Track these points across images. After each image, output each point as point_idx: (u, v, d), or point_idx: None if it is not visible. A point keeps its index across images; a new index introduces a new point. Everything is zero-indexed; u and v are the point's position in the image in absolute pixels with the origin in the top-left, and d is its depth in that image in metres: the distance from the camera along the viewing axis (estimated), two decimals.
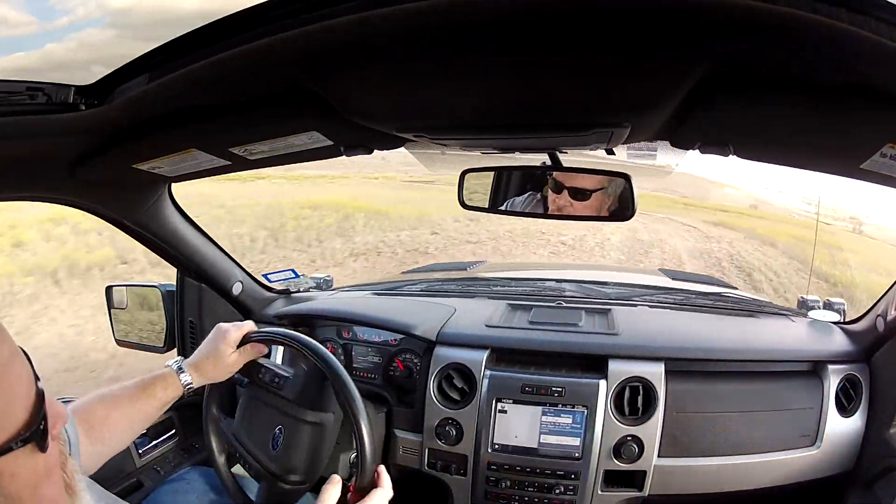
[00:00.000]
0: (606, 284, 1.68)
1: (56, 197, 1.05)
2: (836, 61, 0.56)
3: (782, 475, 1.16)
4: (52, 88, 0.68)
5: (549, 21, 0.51)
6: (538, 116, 0.77)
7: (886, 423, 1.13)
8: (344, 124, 0.80)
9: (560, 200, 1.07)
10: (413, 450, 1.30)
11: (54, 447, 0.51)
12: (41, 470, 0.50)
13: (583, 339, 1.27)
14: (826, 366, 1.19)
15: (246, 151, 0.95)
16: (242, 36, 0.57)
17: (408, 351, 1.36)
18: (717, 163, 12.27)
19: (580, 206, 1.06)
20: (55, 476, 0.53)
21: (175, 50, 0.63)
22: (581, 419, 1.17)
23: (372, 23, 0.51)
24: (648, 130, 0.83)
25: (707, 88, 0.63)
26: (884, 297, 1.18)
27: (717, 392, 1.19)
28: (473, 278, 1.94)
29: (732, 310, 1.46)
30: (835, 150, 0.79)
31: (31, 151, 0.85)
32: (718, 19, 0.48)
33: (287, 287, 1.69)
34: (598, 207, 1.07)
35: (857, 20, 0.46)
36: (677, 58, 0.57)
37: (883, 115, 0.62)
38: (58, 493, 0.53)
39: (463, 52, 0.59)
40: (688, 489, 1.17)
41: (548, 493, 1.19)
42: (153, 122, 0.81)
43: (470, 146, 1.03)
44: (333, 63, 0.63)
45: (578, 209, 1.06)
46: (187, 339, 1.49)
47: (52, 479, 0.52)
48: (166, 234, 1.28)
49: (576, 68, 0.61)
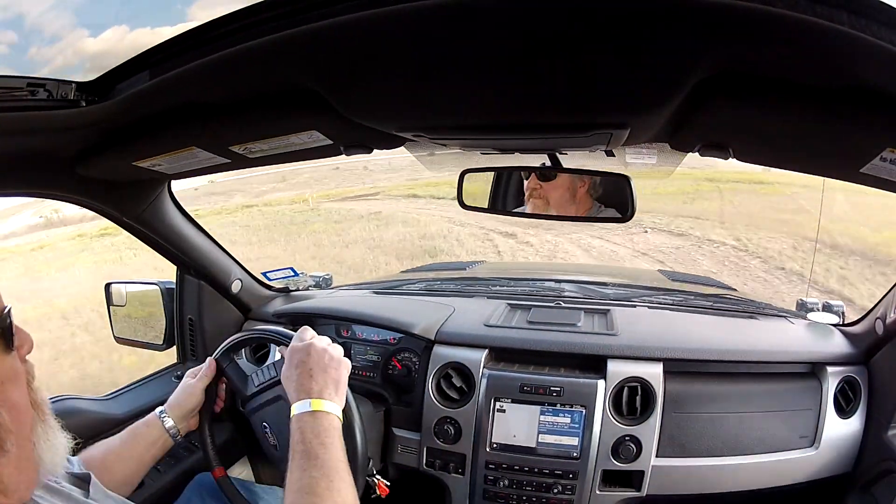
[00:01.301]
0: (606, 285, 1.68)
1: (57, 193, 1.05)
2: (836, 64, 0.56)
3: (780, 476, 1.16)
4: (53, 84, 0.68)
5: (549, 22, 0.51)
6: (538, 117, 0.77)
7: (885, 425, 1.13)
8: (344, 123, 0.80)
9: (531, 183, 1.15)
10: (411, 449, 1.30)
11: (20, 364, 0.58)
12: (7, 370, 0.56)
13: (582, 339, 1.27)
14: (825, 368, 1.19)
15: (245, 150, 0.95)
16: (243, 34, 0.57)
17: (407, 350, 1.36)
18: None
19: (549, 185, 1.13)
20: (20, 381, 0.58)
21: (176, 47, 0.63)
22: (579, 419, 1.18)
23: (372, 22, 0.51)
24: (648, 132, 0.83)
25: (707, 91, 0.63)
26: (883, 300, 1.18)
27: (716, 393, 1.19)
28: (473, 278, 1.94)
29: (731, 311, 1.46)
30: (835, 154, 0.78)
31: (31, 147, 0.85)
32: (718, 21, 0.48)
33: (286, 285, 1.69)
34: (570, 187, 1.14)
35: (858, 23, 0.46)
36: (677, 60, 0.57)
37: (883, 120, 0.62)
38: (23, 401, 0.58)
39: (463, 52, 0.59)
40: (686, 489, 1.17)
41: (546, 493, 1.19)
42: (153, 120, 0.81)
43: (469, 146, 1.03)
44: (334, 62, 0.63)
45: (547, 189, 1.14)
46: (186, 337, 1.49)
47: (17, 384, 0.57)
48: (166, 232, 1.28)
49: (575, 69, 0.61)
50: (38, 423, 0.61)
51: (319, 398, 0.83)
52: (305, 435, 0.79)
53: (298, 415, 0.82)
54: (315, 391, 0.84)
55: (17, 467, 0.56)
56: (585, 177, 1.12)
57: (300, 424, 0.81)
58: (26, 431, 0.58)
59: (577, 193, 1.14)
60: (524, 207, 1.18)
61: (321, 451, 0.77)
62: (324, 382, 0.85)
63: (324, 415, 0.82)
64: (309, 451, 0.77)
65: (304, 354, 0.88)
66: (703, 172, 10.83)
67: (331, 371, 0.87)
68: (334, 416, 0.83)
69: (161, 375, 1.45)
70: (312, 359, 0.87)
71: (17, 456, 0.56)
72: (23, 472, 0.57)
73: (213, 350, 1.11)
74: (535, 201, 1.15)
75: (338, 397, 0.86)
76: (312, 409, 0.82)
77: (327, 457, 0.77)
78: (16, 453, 0.55)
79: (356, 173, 16.15)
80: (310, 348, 0.88)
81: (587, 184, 1.14)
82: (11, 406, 0.56)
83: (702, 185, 10.76)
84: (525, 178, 1.16)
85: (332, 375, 0.87)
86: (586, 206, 1.16)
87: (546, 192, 1.14)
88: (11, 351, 0.56)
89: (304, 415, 0.82)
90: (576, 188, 1.13)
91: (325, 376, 0.86)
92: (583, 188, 1.14)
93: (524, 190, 1.17)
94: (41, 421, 0.62)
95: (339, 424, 0.83)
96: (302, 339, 0.91)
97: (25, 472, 0.58)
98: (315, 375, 0.86)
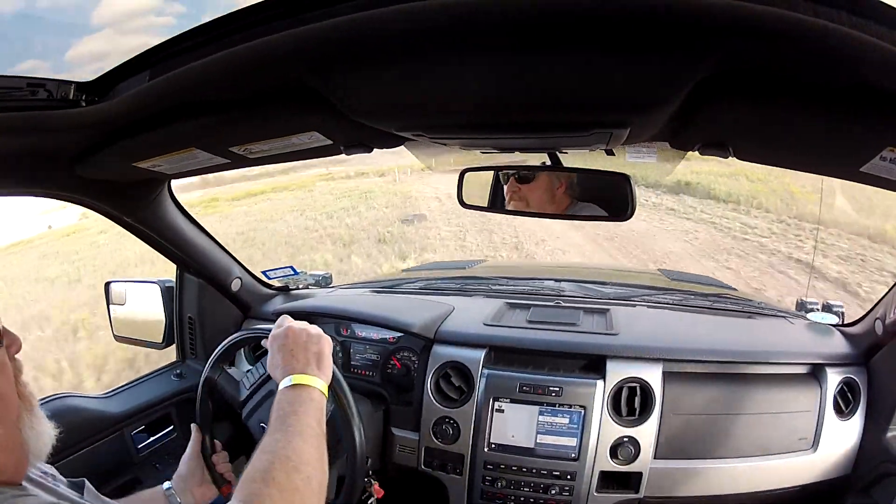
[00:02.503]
0: (605, 284, 1.68)
1: (57, 193, 1.05)
2: (836, 64, 0.55)
3: (779, 479, 1.16)
4: (53, 84, 0.68)
5: (549, 22, 0.51)
6: (538, 116, 0.77)
7: (884, 426, 1.12)
8: (344, 123, 0.80)
9: (510, 187, 1.18)
10: (410, 448, 1.30)
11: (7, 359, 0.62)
12: None
13: (581, 338, 1.27)
14: (824, 368, 1.19)
15: (245, 150, 0.95)
16: (244, 34, 0.57)
17: (406, 349, 1.36)
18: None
19: (527, 188, 1.16)
20: (7, 373, 0.62)
21: (176, 47, 0.63)
22: (578, 419, 1.17)
23: (373, 22, 0.51)
24: (648, 131, 0.83)
25: (707, 90, 0.63)
26: (882, 301, 1.17)
27: (715, 394, 1.19)
28: (472, 277, 1.93)
29: (731, 311, 1.46)
30: (835, 153, 0.78)
31: (31, 147, 0.85)
32: (718, 21, 0.48)
33: (286, 284, 1.69)
34: (548, 188, 1.16)
35: (858, 23, 0.46)
36: (677, 59, 0.57)
37: (884, 119, 0.62)
38: (8, 391, 0.62)
39: (463, 52, 0.59)
40: (684, 492, 1.16)
41: (544, 494, 1.19)
42: (153, 120, 0.81)
43: (470, 145, 1.04)
44: (335, 61, 0.64)
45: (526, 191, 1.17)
46: (186, 336, 1.49)
47: (4, 375, 0.61)
48: (166, 231, 1.28)
49: (575, 69, 0.61)
50: (25, 412, 0.64)
51: (302, 373, 0.82)
52: (281, 405, 0.78)
53: (280, 390, 0.81)
54: (298, 368, 0.83)
55: (4, 449, 0.60)
56: (563, 177, 1.14)
57: (279, 398, 0.80)
58: (12, 418, 0.62)
59: (556, 194, 1.16)
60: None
61: (292, 420, 0.75)
62: (305, 359, 0.84)
63: (303, 388, 0.81)
64: (281, 418, 0.76)
65: (283, 338, 0.87)
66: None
67: (311, 346, 0.86)
68: (315, 389, 0.81)
69: (160, 374, 1.45)
70: (290, 339, 0.87)
71: (4, 438, 0.60)
72: (10, 455, 0.61)
73: (212, 349, 1.11)
74: (516, 203, 1.17)
75: (320, 372, 0.85)
76: (293, 382, 0.81)
77: (295, 421, 0.75)
78: (2, 435, 0.59)
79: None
80: (287, 331, 0.88)
81: (564, 184, 1.16)
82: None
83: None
84: (504, 183, 1.18)
85: (313, 350, 0.86)
86: (564, 203, 1.18)
87: (525, 194, 1.16)
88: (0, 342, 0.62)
89: (285, 389, 0.81)
90: (553, 189, 1.16)
91: (306, 353, 0.85)
92: (560, 188, 1.16)
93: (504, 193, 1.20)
94: (27, 411, 0.65)
95: (319, 397, 0.81)
96: (280, 326, 0.91)
97: (13, 455, 0.61)
98: (296, 354, 0.85)
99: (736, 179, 10.87)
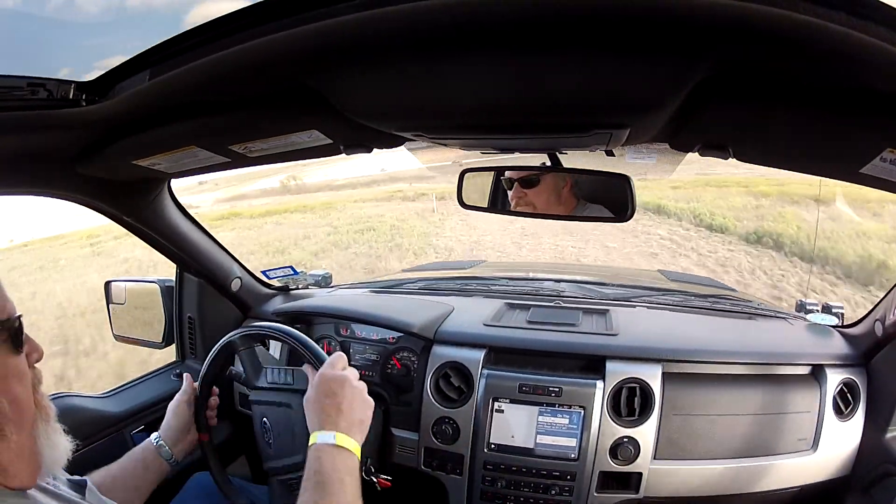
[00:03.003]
0: (605, 285, 1.68)
1: (57, 192, 1.05)
2: (836, 65, 0.55)
3: (779, 480, 1.15)
4: (53, 84, 0.68)
5: (548, 22, 0.51)
6: (537, 117, 0.77)
7: (883, 427, 1.12)
8: (344, 123, 0.80)
9: (515, 193, 1.18)
10: (410, 449, 1.30)
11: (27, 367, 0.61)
12: (13, 369, 0.59)
13: (581, 339, 1.27)
14: (824, 369, 1.19)
15: (245, 149, 0.95)
16: (244, 33, 0.57)
17: (405, 349, 1.36)
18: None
19: (533, 193, 1.16)
20: (25, 380, 0.61)
21: (176, 47, 0.63)
22: (577, 420, 1.17)
23: (373, 22, 0.52)
24: (648, 132, 0.83)
25: (707, 91, 0.63)
26: (882, 302, 1.18)
27: (715, 395, 1.19)
28: (472, 277, 1.93)
29: (731, 312, 1.46)
30: (834, 155, 0.78)
31: (32, 147, 0.85)
32: (717, 22, 0.48)
33: (286, 284, 1.69)
34: (554, 189, 1.16)
35: (858, 24, 0.46)
36: (677, 60, 0.57)
37: (883, 120, 0.62)
38: (26, 400, 0.61)
39: (463, 52, 0.59)
40: (684, 492, 1.16)
41: (543, 494, 1.19)
42: (153, 119, 0.81)
43: (469, 146, 1.04)
44: (335, 62, 0.64)
45: (532, 196, 1.17)
46: (186, 335, 1.49)
47: (21, 382, 0.60)
48: (166, 231, 1.28)
49: (575, 69, 0.61)
50: (41, 421, 0.64)
51: (346, 434, 0.82)
52: (324, 466, 0.78)
53: (320, 444, 0.81)
54: (342, 427, 0.83)
55: (17, 454, 0.59)
56: (567, 176, 1.14)
57: (320, 454, 0.80)
58: (27, 424, 0.61)
59: (562, 194, 1.16)
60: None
61: (337, 488, 0.76)
62: (352, 422, 0.84)
63: (347, 452, 0.81)
64: (325, 483, 0.76)
65: (338, 387, 0.86)
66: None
67: (357, 410, 0.86)
68: (355, 457, 0.82)
69: (159, 373, 1.45)
70: (346, 394, 0.86)
71: (18, 443, 0.59)
72: (23, 460, 0.60)
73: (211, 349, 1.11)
74: (523, 208, 1.18)
75: (360, 438, 0.85)
76: (336, 442, 0.81)
77: (342, 494, 0.76)
78: (16, 441, 0.59)
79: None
80: (345, 382, 0.87)
81: (569, 183, 1.15)
82: (13, 398, 0.59)
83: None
84: (508, 189, 1.18)
85: (359, 417, 0.86)
86: (571, 204, 1.18)
87: (531, 199, 1.16)
88: (19, 354, 0.60)
89: (327, 446, 0.80)
90: (559, 189, 1.15)
91: (354, 416, 0.85)
92: (566, 188, 1.16)
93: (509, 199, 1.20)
94: (44, 421, 0.64)
95: (356, 466, 0.82)
96: (334, 366, 0.90)
97: (26, 460, 0.61)
98: (345, 411, 0.84)
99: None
